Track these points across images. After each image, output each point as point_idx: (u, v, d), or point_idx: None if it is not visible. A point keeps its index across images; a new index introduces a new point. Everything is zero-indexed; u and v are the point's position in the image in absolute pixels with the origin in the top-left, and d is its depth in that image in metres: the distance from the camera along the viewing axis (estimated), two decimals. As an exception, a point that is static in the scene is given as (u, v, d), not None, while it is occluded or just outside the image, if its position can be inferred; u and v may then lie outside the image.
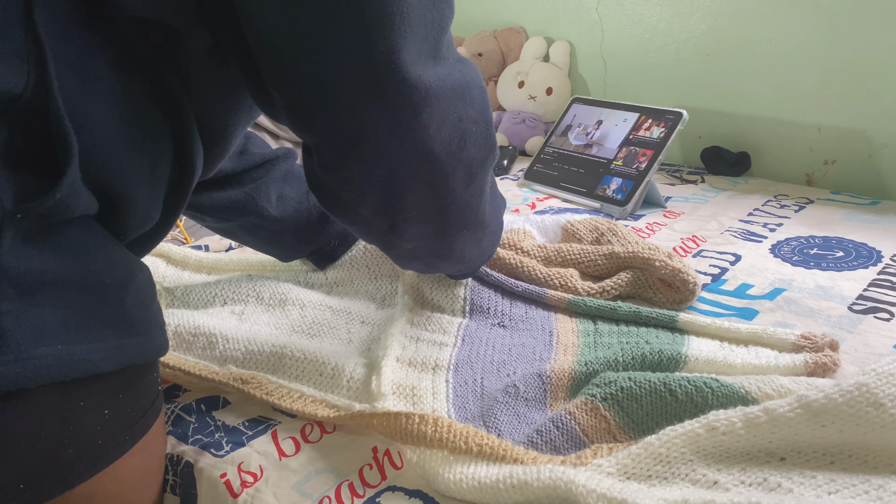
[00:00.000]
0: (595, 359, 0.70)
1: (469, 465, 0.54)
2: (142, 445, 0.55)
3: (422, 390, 0.69)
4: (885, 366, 0.49)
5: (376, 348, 0.76)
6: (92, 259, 0.49)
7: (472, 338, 0.79)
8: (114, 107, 0.50)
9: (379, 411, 0.61)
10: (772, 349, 0.72)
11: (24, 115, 0.45)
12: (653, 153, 1.21)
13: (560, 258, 0.93)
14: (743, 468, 0.50)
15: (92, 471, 0.50)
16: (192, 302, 0.87)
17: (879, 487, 0.46)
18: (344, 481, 0.59)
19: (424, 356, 0.74)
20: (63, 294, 0.47)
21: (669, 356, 0.69)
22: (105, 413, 0.50)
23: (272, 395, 0.68)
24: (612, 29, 1.56)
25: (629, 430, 0.60)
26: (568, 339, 0.79)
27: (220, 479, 0.60)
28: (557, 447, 0.60)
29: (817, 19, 1.26)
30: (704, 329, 0.75)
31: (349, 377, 0.70)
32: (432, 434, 0.56)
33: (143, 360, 0.53)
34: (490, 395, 0.68)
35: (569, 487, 0.47)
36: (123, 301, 0.51)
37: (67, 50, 0.47)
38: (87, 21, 0.49)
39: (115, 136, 0.50)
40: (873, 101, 1.24)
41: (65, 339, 0.46)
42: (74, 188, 0.46)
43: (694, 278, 0.84)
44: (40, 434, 0.46)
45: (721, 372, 0.68)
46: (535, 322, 0.82)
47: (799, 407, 0.49)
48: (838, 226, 1.08)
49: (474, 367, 0.73)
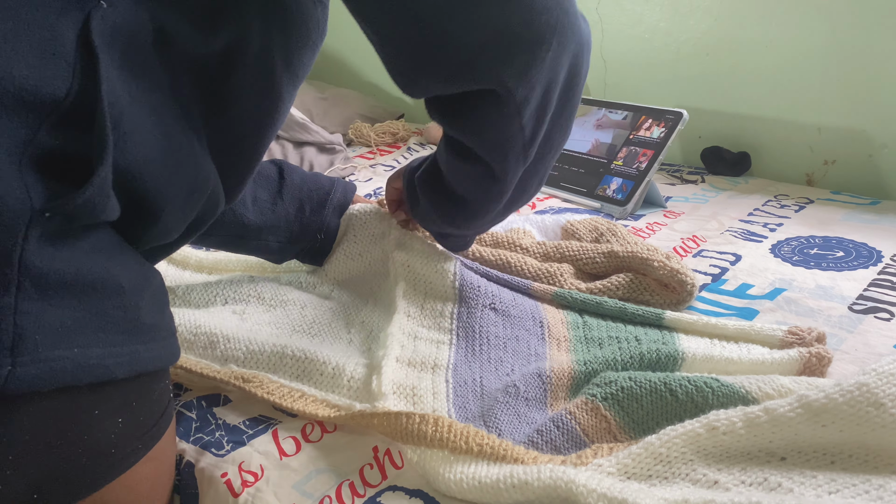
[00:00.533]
0: (594, 358, 0.70)
1: (469, 465, 0.55)
2: (153, 454, 0.55)
3: (422, 390, 0.69)
4: (886, 365, 0.50)
5: (376, 348, 0.76)
6: (112, 263, 0.49)
7: (467, 329, 0.79)
8: (159, 124, 0.51)
9: (379, 411, 0.61)
10: (762, 346, 0.72)
11: (64, 118, 0.45)
12: (653, 153, 1.21)
13: (558, 254, 0.94)
14: (743, 468, 0.50)
15: (104, 480, 0.50)
16: (194, 301, 0.87)
17: (880, 487, 0.46)
18: (344, 481, 0.59)
19: (423, 356, 0.75)
20: (83, 297, 0.47)
21: (667, 354, 0.69)
22: (119, 421, 0.50)
23: (273, 395, 0.68)
24: (612, 29, 1.56)
25: (629, 430, 0.60)
26: (559, 331, 0.79)
27: (220, 479, 0.60)
28: (558, 447, 0.60)
29: (817, 19, 1.26)
30: (691, 326, 0.76)
31: (350, 377, 0.70)
32: (433, 434, 0.56)
33: (156, 367, 0.53)
34: (490, 395, 0.68)
35: (569, 487, 0.47)
36: (139, 307, 0.51)
37: (122, 61, 0.48)
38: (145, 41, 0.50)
39: (157, 151, 0.51)
40: (873, 101, 1.24)
41: (81, 343, 0.46)
42: (104, 191, 0.46)
43: (692, 279, 0.84)
44: (54, 441, 0.46)
45: (720, 368, 0.68)
46: (524, 308, 0.82)
47: (799, 406, 0.49)
48: (838, 226, 1.08)
49: (472, 366, 0.73)
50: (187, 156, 0.55)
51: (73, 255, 0.46)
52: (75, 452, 0.47)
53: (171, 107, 0.53)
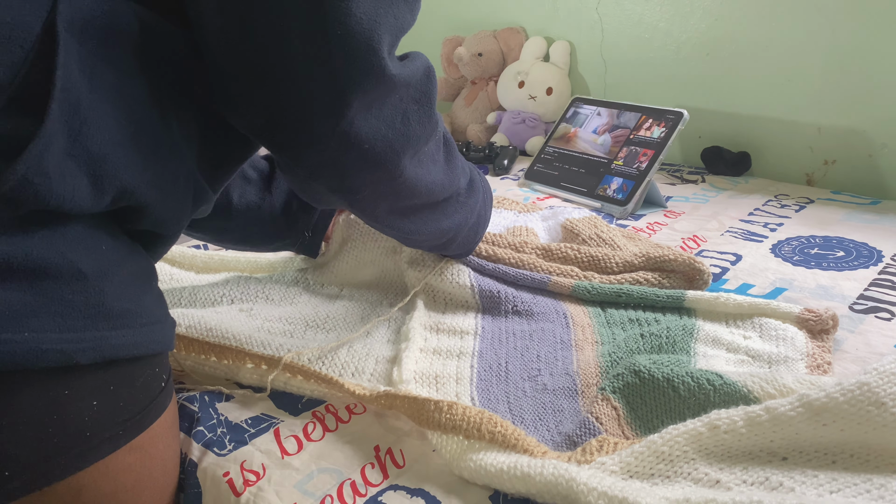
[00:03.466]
0: (617, 347, 0.72)
1: (479, 452, 0.56)
2: (138, 444, 0.54)
3: (445, 377, 0.71)
4: (887, 365, 0.50)
5: (397, 341, 0.77)
6: (72, 248, 0.49)
7: (492, 326, 0.80)
8: (129, 113, 0.51)
9: (402, 393, 0.63)
10: (777, 320, 0.75)
11: (12, 103, 0.45)
12: (653, 153, 1.21)
13: (569, 260, 0.93)
14: (745, 467, 0.51)
15: (80, 463, 0.50)
16: (200, 301, 0.86)
17: (881, 486, 0.46)
18: (346, 480, 0.59)
19: (448, 345, 0.77)
20: (34, 281, 0.46)
21: (683, 326, 0.74)
22: (94, 404, 0.50)
23: (307, 373, 0.69)
24: (612, 29, 1.56)
25: (634, 425, 0.61)
26: (582, 319, 0.80)
27: (222, 478, 0.60)
28: (575, 441, 0.61)
29: (817, 19, 1.26)
30: (712, 304, 0.78)
31: (372, 371, 0.72)
32: (447, 419, 0.58)
33: (130, 354, 0.52)
34: (515, 381, 0.70)
35: (570, 485, 0.48)
36: (103, 291, 0.50)
37: (89, 50, 0.48)
38: (110, 29, 0.50)
39: (128, 139, 0.51)
40: (873, 101, 1.24)
41: (34, 327, 0.46)
42: (41, 170, 0.45)
43: (707, 267, 0.86)
44: (21, 420, 0.46)
45: (729, 312, 0.76)
46: (546, 305, 0.83)
47: (800, 406, 0.49)
48: (839, 225, 1.08)
49: (498, 352, 0.75)
50: (164, 144, 0.54)
51: (23, 240, 0.46)
52: (45, 433, 0.47)
53: (143, 96, 0.52)
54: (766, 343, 0.72)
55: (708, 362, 0.70)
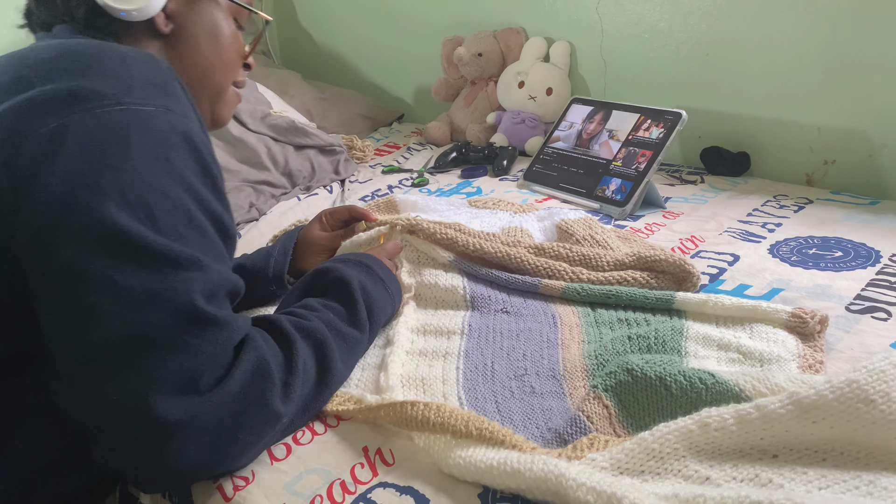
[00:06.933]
0: (604, 347, 0.72)
1: (468, 449, 0.56)
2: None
3: (432, 379, 0.71)
4: (876, 363, 0.50)
5: (385, 346, 0.77)
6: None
7: (479, 326, 0.81)
8: None
9: (386, 402, 0.63)
10: (766, 324, 0.75)
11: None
12: (652, 153, 1.21)
13: (562, 258, 0.93)
14: (735, 464, 0.50)
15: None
16: None
17: (870, 483, 0.46)
18: (336, 479, 0.59)
19: (434, 347, 0.77)
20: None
21: (672, 327, 0.74)
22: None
23: None
24: (612, 29, 1.56)
25: (626, 423, 0.61)
26: (570, 319, 0.81)
27: (212, 485, 0.60)
28: (565, 439, 0.61)
29: (817, 19, 1.26)
30: (701, 306, 0.78)
31: (359, 379, 0.72)
32: (435, 419, 0.58)
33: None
34: (501, 381, 0.70)
35: (559, 481, 0.48)
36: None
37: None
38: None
39: None
40: (873, 101, 1.24)
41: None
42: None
43: (697, 270, 0.86)
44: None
45: (719, 314, 0.76)
46: (536, 307, 0.84)
47: (790, 403, 0.49)
48: (837, 226, 1.08)
49: (484, 352, 0.75)
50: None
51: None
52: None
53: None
54: (757, 342, 0.72)
55: (700, 362, 0.70)
